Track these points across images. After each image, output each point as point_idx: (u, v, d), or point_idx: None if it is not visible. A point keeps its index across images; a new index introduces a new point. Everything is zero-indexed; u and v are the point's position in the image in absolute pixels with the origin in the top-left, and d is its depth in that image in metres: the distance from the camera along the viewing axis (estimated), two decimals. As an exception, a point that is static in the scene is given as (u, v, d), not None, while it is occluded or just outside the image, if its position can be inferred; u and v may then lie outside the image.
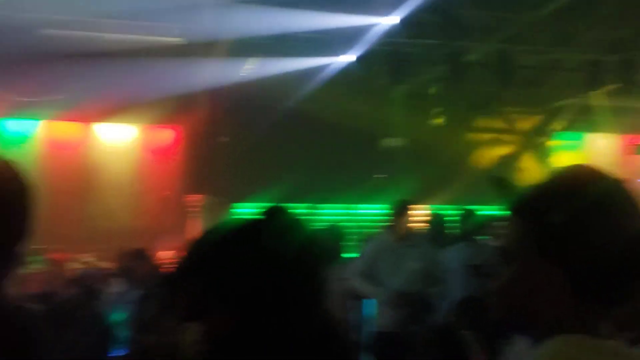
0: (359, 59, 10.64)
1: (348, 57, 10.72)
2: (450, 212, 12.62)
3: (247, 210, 12.67)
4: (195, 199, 12.43)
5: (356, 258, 6.12)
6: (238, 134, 12.09)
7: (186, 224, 12.39)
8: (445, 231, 6.87)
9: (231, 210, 12.49)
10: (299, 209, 13.09)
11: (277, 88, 11.22)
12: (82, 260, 11.18)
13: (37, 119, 12.17)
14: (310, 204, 13.16)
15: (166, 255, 11.30)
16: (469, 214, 5.81)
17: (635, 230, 1.01)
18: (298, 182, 11.57)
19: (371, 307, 5.24)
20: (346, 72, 10.99)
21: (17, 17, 9.02)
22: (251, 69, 10.63)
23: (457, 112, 12.69)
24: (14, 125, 12.19)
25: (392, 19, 9.30)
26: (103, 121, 12.51)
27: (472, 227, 5.59)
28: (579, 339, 1.01)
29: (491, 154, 13.35)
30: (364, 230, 12.31)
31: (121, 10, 8.85)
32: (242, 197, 12.41)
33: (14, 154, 11.62)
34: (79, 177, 12.30)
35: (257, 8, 8.66)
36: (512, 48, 10.31)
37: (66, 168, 12.11)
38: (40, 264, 9.26)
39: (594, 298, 1.02)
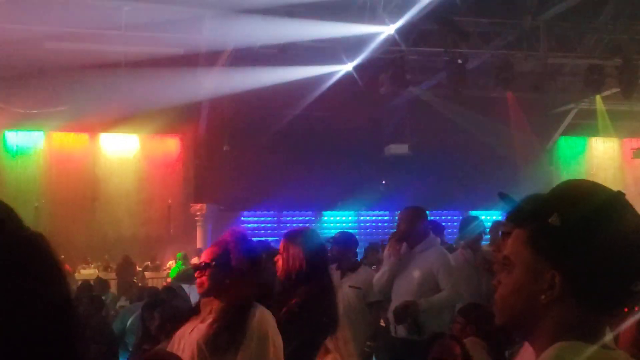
0: (361, 66, 10.69)
1: (350, 65, 10.76)
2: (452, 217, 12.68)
3: (251, 218, 12.73)
4: (199, 207, 12.46)
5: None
6: (241, 143, 12.13)
7: (191, 233, 12.42)
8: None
9: (235, 218, 12.53)
10: (304, 217, 13.16)
11: (279, 97, 11.26)
12: (88, 270, 11.23)
13: (42, 131, 12.25)
14: (315, 211, 13.22)
15: (170, 263, 11.37)
16: (471, 220, 5.82)
17: (635, 238, 1.04)
18: (302, 189, 11.62)
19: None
20: (348, 79, 11.03)
21: (21, 30, 9.09)
22: (253, 77, 10.67)
23: (463, 118, 12.71)
24: (18, 137, 12.26)
25: (392, 28, 9.35)
26: (107, 131, 12.58)
27: (475, 232, 5.60)
28: (580, 346, 1.03)
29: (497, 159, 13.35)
30: (370, 236, 12.35)
31: (124, 22, 8.90)
32: (245, 206, 12.46)
33: (18, 166, 11.69)
34: (83, 186, 12.36)
35: (259, 18, 8.71)
36: (512, 54, 10.35)
37: (71, 178, 12.17)
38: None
39: (596, 305, 1.05)
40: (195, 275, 2.56)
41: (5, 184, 11.67)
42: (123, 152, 12.88)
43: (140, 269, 11.15)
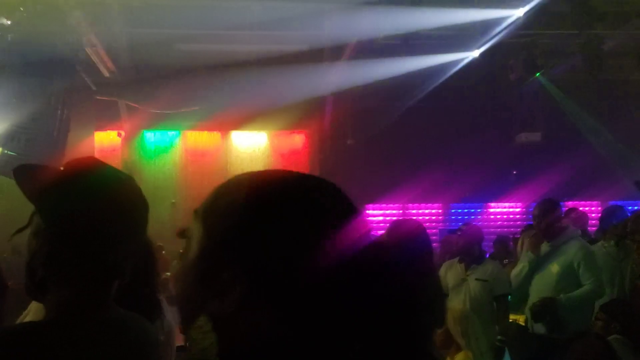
0: (488, 53, 10.35)
1: (476, 52, 10.45)
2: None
3: (376, 212, 12.70)
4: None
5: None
6: (365, 136, 12.13)
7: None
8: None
9: (362, 212, 12.54)
10: (430, 209, 12.97)
11: (402, 88, 11.14)
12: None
13: (177, 130, 12.87)
14: (442, 204, 12.99)
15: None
16: (614, 210, 5.45)
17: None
18: (428, 181, 11.43)
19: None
20: (475, 66, 10.72)
21: (155, 34, 9.58)
22: (376, 70, 10.63)
23: (599, 103, 12.00)
24: (155, 136, 12.95)
25: (521, 11, 8.97)
26: (237, 129, 13.01)
27: (617, 224, 5.23)
28: None
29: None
30: (500, 229, 11.97)
31: (251, 22, 9.14)
32: (370, 199, 12.44)
33: (156, 164, 12.35)
34: (216, 182, 12.77)
35: (382, 9, 8.64)
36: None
37: (204, 175, 12.70)
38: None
39: None
40: None
41: (144, 182, 12.36)
42: (253, 148, 13.26)
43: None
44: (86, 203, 1.35)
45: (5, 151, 10.12)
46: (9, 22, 8.86)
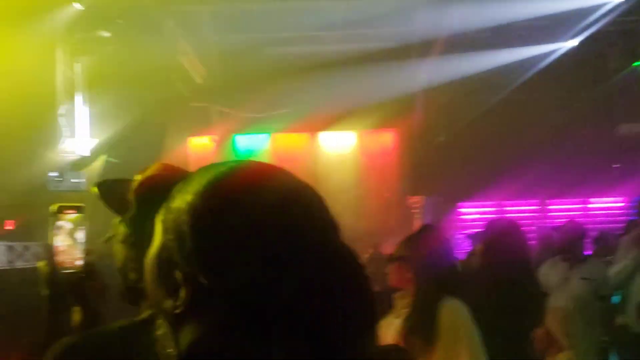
0: (585, 41, 9.91)
1: (572, 42, 10.03)
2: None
3: (471, 209, 12.44)
4: (416, 199, 12.45)
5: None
6: (457, 132, 11.90)
7: (409, 225, 12.46)
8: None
9: (453, 209, 12.32)
10: (527, 206, 12.56)
11: (497, 81, 10.85)
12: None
13: (267, 133, 13.07)
14: (539, 200, 12.55)
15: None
16: None
17: None
18: (524, 177, 11.07)
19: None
20: (571, 56, 10.30)
21: (244, 39, 9.78)
22: (466, 64, 10.42)
23: None
24: (245, 140, 13.21)
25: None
26: (326, 130, 13.07)
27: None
28: None
29: None
30: (601, 225, 11.44)
31: (338, 22, 9.17)
32: (464, 196, 12.19)
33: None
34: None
35: (473, 1, 8.46)
36: None
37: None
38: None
39: None
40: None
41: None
42: (341, 149, 13.29)
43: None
44: None
45: (109, 159, 10.61)
46: (108, 35, 9.27)
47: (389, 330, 2.42)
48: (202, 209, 0.78)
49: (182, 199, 0.82)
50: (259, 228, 0.77)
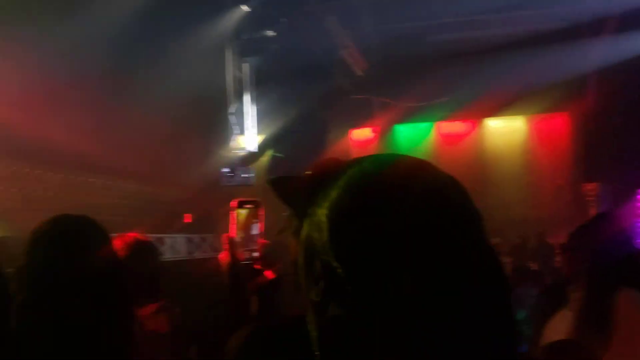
0: None
1: None
2: None
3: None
4: (591, 187, 11.75)
5: None
6: (634, 114, 11.03)
7: (584, 214, 11.76)
8: None
9: (632, 197, 11.46)
10: None
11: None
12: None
13: (429, 122, 12.93)
14: None
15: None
16: None
17: None
18: None
19: None
20: None
21: (404, 28, 9.72)
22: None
23: None
24: (407, 130, 13.16)
25: None
26: (492, 116, 12.69)
27: None
28: None
29: None
30: None
31: (502, 4, 8.86)
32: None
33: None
34: (472, 172, 12.64)
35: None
36: None
37: (460, 166, 12.57)
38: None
39: None
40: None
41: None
42: (509, 135, 12.85)
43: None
44: None
45: (275, 153, 11.06)
46: (274, 34, 9.64)
47: (562, 324, 2.31)
48: (340, 202, 0.81)
49: (326, 193, 0.85)
50: (396, 222, 0.77)
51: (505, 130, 12.81)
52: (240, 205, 1.84)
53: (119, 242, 2.58)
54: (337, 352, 0.79)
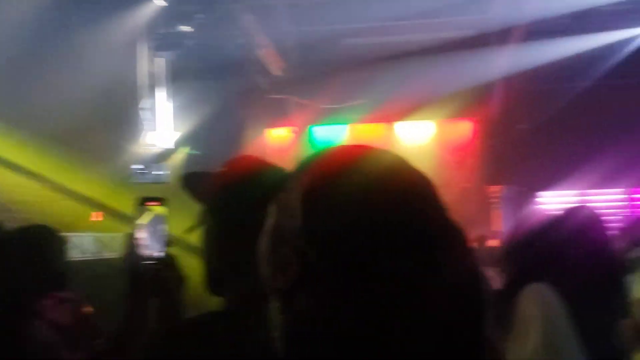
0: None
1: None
2: None
3: (551, 199, 12.08)
4: (496, 189, 12.19)
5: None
6: (536, 120, 11.58)
7: (488, 216, 12.22)
8: None
9: (534, 200, 11.99)
10: (611, 195, 12.09)
11: (574, 68, 10.50)
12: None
13: (344, 124, 13.09)
14: (625, 188, 12.07)
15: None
16: None
17: None
18: (608, 165, 10.68)
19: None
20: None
21: (321, 31, 9.84)
22: (545, 51, 10.12)
23: None
24: (322, 131, 13.26)
25: None
26: (402, 120, 12.97)
27: None
28: None
29: None
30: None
31: (414, 11, 9.10)
32: (545, 186, 11.87)
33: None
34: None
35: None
36: None
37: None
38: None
39: None
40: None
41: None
42: (419, 138, 13.16)
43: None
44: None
45: (191, 151, 10.94)
46: (191, 29, 9.54)
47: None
48: (311, 186, 0.82)
49: (295, 180, 0.86)
50: (366, 203, 0.80)
51: (415, 134, 13.13)
52: (143, 202, 1.79)
53: (27, 232, 2.51)
54: (304, 341, 0.78)
